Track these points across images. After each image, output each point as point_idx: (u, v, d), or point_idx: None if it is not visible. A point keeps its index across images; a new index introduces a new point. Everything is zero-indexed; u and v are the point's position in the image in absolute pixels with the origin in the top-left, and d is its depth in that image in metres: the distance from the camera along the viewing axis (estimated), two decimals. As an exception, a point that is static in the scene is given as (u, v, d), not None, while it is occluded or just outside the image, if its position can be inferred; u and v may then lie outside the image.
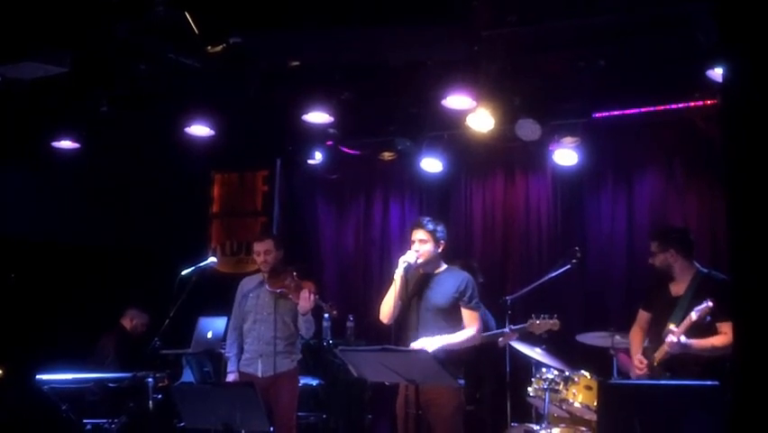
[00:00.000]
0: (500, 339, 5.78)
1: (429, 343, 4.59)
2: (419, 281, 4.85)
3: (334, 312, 5.71)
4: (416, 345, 4.57)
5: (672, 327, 4.83)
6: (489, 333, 5.73)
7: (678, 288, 4.99)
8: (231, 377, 5.54)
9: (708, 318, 4.69)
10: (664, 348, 4.81)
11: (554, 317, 5.57)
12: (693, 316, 4.67)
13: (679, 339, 4.69)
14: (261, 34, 4.78)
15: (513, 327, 5.70)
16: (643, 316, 5.20)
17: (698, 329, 4.72)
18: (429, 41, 4.85)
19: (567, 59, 5.53)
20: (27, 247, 7.30)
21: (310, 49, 5.04)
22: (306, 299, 5.35)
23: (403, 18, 4.45)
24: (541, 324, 5.56)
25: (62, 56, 4.43)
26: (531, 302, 6.27)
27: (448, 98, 5.76)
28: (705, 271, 4.97)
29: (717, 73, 4.98)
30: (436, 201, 7.71)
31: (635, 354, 5.09)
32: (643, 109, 6.47)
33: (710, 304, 4.61)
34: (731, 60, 2.63)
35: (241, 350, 5.59)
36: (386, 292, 4.84)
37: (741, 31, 2.56)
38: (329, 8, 4.41)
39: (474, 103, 5.80)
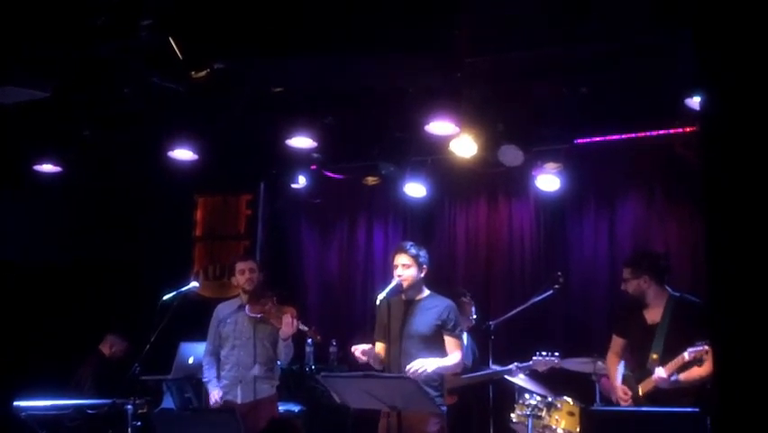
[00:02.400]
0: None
1: (426, 364, 4.55)
2: (402, 308, 4.84)
3: (318, 337, 5.69)
4: (413, 365, 4.53)
5: (654, 356, 4.84)
6: (493, 370, 5.73)
7: (653, 314, 5.00)
8: (215, 395, 5.45)
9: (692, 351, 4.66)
10: (652, 382, 4.80)
11: (556, 354, 5.58)
12: (686, 356, 4.63)
13: (669, 377, 4.69)
14: (245, 61, 4.80)
15: (519, 365, 5.70)
16: (617, 341, 5.21)
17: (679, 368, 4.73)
18: (412, 69, 4.89)
19: (549, 86, 5.58)
20: (6, 270, 7.22)
21: (294, 75, 5.07)
22: (288, 324, 5.31)
23: (386, 46, 4.48)
24: (546, 362, 5.57)
25: (45, 81, 4.42)
26: (514, 328, 6.30)
27: (431, 124, 5.79)
28: (677, 295, 4.99)
29: (695, 101, 5.05)
30: (420, 226, 7.72)
31: (614, 381, 5.09)
32: (624, 136, 6.54)
33: (706, 348, 4.51)
34: (709, 90, 2.67)
35: (218, 375, 5.53)
36: (371, 326, 4.85)
37: (719, 61, 2.59)
38: (313, 35, 4.44)
39: (457, 129, 5.84)
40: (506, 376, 5.77)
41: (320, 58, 4.68)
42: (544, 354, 5.59)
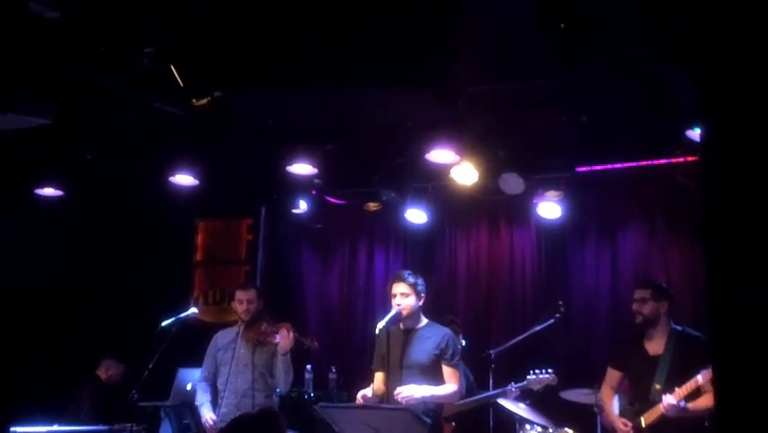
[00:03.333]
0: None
1: (415, 391, 4.53)
2: (400, 337, 4.81)
3: (315, 344, 5.62)
4: (402, 390, 4.51)
5: (658, 387, 4.79)
6: (491, 392, 5.67)
7: (655, 346, 4.95)
8: (208, 418, 5.40)
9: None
10: (659, 411, 4.74)
11: (549, 372, 5.53)
12: (700, 379, 4.59)
13: (679, 403, 4.64)
14: (246, 91, 4.82)
15: (515, 385, 5.64)
16: (613, 374, 5.16)
17: (690, 393, 4.68)
18: (412, 103, 4.91)
19: (550, 114, 5.59)
20: (6, 293, 7.21)
21: (294, 107, 5.09)
22: (285, 337, 5.31)
23: (385, 80, 4.51)
24: (540, 380, 5.52)
25: (47, 108, 4.44)
26: (514, 356, 6.24)
27: (432, 153, 5.79)
28: (679, 328, 4.96)
29: (695, 133, 5.04)
30: (421, 251, 7.70)
31: (611, 415, 5.04)
32: (625, 164, 6.52)
33: None
34: (708, 122, 2.66)
35: (215, 403, 5.49)
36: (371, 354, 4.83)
37: (718, 94, 2.59)
38: (314, 68, 4.46)
39: (458, 157, 5.84)
40: (502, 402, 5.68)
41: (320, 90, 4.70)
42: (537, 372, 5.54)
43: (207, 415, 5.44)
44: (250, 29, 4.28)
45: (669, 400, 4.68)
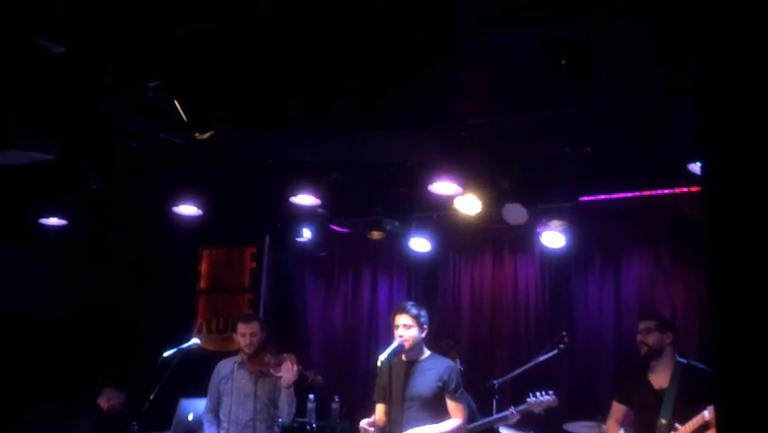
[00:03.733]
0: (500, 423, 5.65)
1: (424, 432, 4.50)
2: (402, 369, 4.78)
3: (319, 378, 5.59)
4: None
5: (664, 421, 4.74)
6: (493, 417, 5.62)
7: (660, 379, 4.91)
8: None
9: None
10: None
11: (551, 393, 5.49)
12: (706, 415, 4.54)
13: None
14: (242, 133, 4.86)
15: (516, 409, 5.60)
16: (618, 408, 5.12)
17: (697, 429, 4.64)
18: (411, 144, 4.93)
19: (552, 145, 5.59)
20: (10, 321, 7.20)
21: (292, 148, 5.12)
22: (289, 370, 5.27)
23: (385, 121, 4.53)
24: (541, 402, 5.48)
25: (49, 144, 4.47)
26: (518, 387, 6.19)
27: (434, 185, 5.80)
28: (684, 361, 4.92)
29: (697, 166, 5.04)
30: (425, 280, 7.70)
31: None
32: (629, 194, 6.51)
33: None
34: (709, 156, 2.66)
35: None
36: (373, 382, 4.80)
37: (719, 128, 2.59)
38: (314, 110, 4.49)
39: (460, 189, 5.84)
40: (503, 426, 5.64)
41: (318, 134, 4.73)
42: (538, 394, 5.49)
43: None
44: (246, 71, 4.32)
45: None
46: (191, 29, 3.99)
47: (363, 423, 4.66)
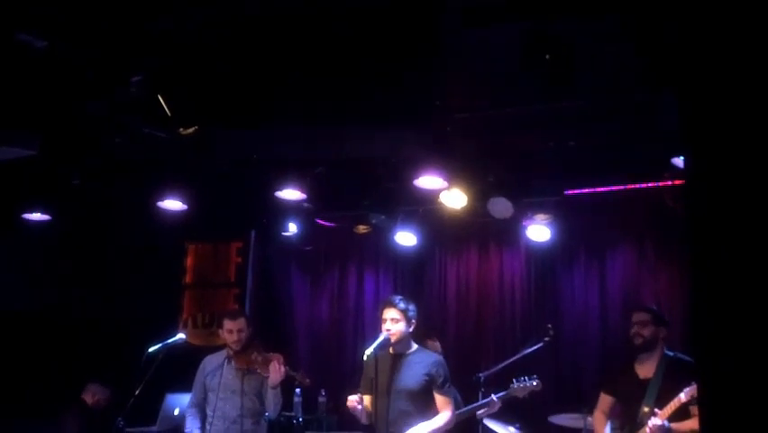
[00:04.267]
0: (483, 410, 5.67)
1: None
2: (389, 362, 4.80)
3: (307, 381, 5.59)
4: None
5: (646, 409, 4.79)
6: (474, 404, 5.63)
7: (645, 370, 4.96)
8: None
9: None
10: (645, 432, 4.75)
11: (534, 378, 5.52)
12: (682, 397, 4.60)
13: (663, 423, 4.65)
14: (227, 131, 4.84)
15: (497, 396, 5.62)
16: (605, 399, 5.16)
17: (675, 412, 4.69)
18: (396, 139, 4.93)
19: (536, 140, 5.61)
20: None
21: (277, 143, 5.10)
22: (276, 371, 5.25)
23: (371, 118, 4.53)
24: (525, 387, 5.51)
25: (32, 139, 4.44)
26: (503, 380, 6.21)
27: (420, 179, 5.80)
28: (671, 353, 4.97)
29: (680, 160, 5.07)
30: (411, 274, 7.71)
31: None
32: (613, 187, 6.55)
33: None
34: (692, 149, 2.68)
35: (203, 429, 5.45)
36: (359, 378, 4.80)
37: (702, 121, 2.61)
38: (299, 105, 4.48)
39: (446, 183, 5.85)
40: (492, 425, 5.66)
41: (302, 130, 4.72)
42: (522, 379, 5.52)
43: None
44: (231, 67, 4.31)
45: (655, 421, 4.69)
46: (177, 26, 3.97)
47: (352, 399, 4.66)
